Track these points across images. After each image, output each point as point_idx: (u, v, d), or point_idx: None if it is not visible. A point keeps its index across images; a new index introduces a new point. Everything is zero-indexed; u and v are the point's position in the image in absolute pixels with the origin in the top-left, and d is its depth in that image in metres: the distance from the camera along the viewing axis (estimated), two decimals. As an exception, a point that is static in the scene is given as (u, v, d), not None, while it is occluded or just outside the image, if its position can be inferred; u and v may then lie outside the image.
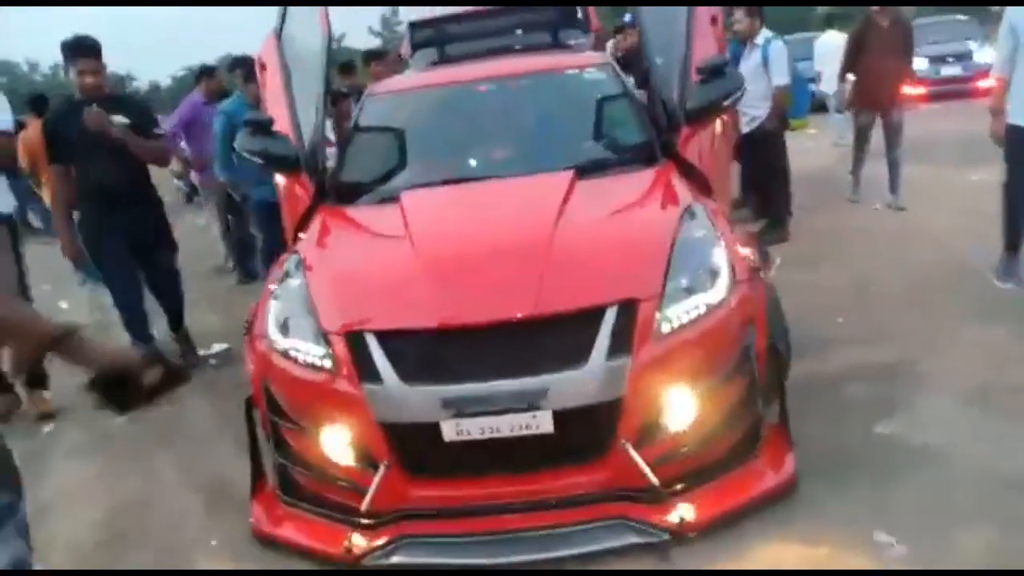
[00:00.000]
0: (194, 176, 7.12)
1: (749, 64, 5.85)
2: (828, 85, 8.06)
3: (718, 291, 2.66)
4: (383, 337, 2.54)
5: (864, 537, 2.39)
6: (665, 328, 2.53)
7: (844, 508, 2.54)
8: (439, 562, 2.44)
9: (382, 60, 6.75)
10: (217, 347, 4.88)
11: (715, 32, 4.15)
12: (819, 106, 9.00)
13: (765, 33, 5.88)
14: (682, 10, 3.65)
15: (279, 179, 3.80)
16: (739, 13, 5.90)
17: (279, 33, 3.87)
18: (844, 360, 3.67)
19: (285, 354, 2.69)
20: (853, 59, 6.49)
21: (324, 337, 2.61)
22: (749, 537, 2.44)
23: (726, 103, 3.46)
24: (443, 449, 2.48)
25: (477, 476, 2.55)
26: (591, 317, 2.49)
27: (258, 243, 5.43)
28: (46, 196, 6.71)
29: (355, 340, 2.56)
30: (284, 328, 2.74)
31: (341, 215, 3.35)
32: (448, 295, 2.57)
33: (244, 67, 5.33)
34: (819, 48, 8.56)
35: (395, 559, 2.48)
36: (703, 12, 3.93)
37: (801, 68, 8.78)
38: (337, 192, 3.55)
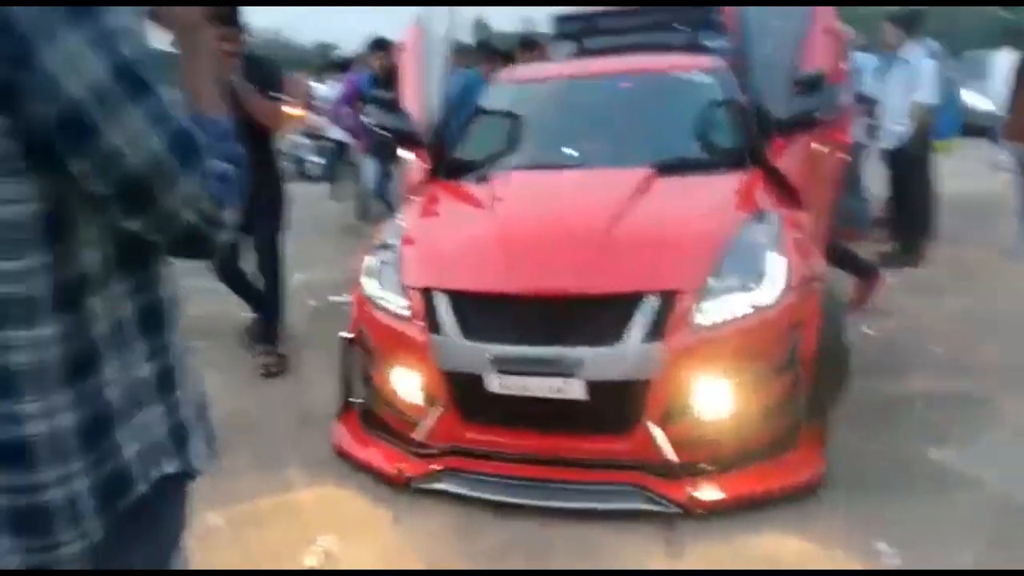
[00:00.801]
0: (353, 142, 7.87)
1: (894, 78, 5.71)
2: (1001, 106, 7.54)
3: (765, 293, 2.83)
4: (451, 296, 2.92)
5: (865, 544, 2.50)
6: (701, 320, 2.74)
7: (859, 516, 2.64)
8: (472, 494, 2.79)
9: (533, 50, 7.12)
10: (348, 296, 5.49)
11: (832, 44, 4.20)
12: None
13: (916, 47, 5.70)
14: (796, 18, 3.77)
15: (401, 152, 4.26)
16: (886, 25, 5.76)
17: (421, 19, 4.34)
18: (925, 385, 3.67)
19: (375, 302, 3.13)
20: (1017, 87, 6.04)
21: (405, 291, 3.03)
22: (755, 523, 2.61)
23: (820, 116, 3.55)
24: (490, 399, 2.83)
25: (518, 428, 2.88)
26: (632, 302, 2.75)
27: None
28: None
29: (429, 296, 2.96)
30: (378, 280, 3.19)
31: (444, 188, 3.76)
32: (508, 266, 2.92)
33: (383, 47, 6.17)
34: (995, 66, 8.04)
35: (438, 485, 2.86)
36: (819, 22, 4.00)
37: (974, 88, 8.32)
38: (449, 168, 3.95)
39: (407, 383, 3.02)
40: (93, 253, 1.04)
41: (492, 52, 7.59)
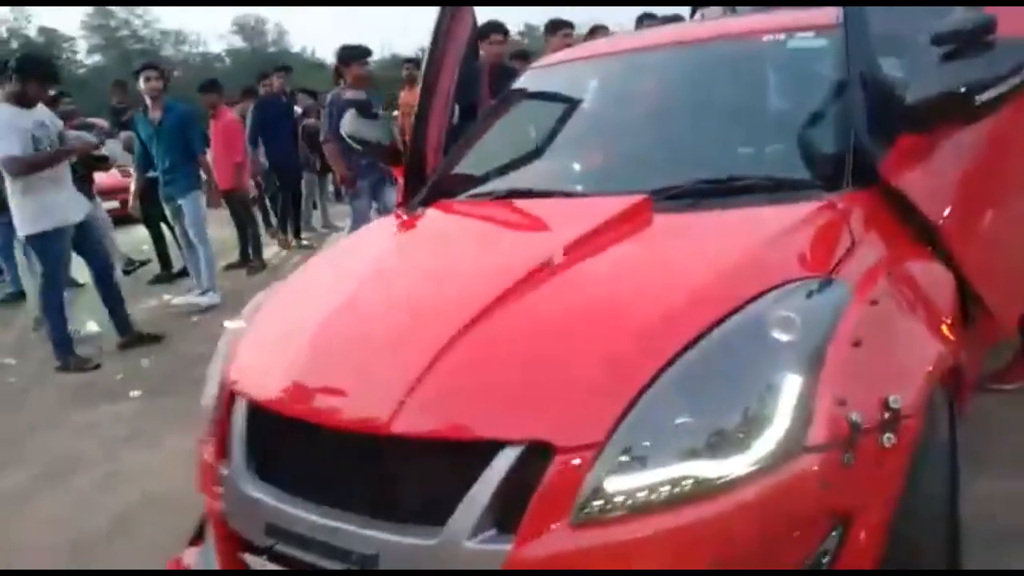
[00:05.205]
0: None
1: None
2: None
3: (751, 455, 1.42)
4: (251, 408, 1.87)
5: None
6: (597, 504, 1.42)
7: None
8: None
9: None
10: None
11: None
12: None
13: None
14: None
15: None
16: None
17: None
18: None
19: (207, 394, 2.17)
20: None
21: (220, 389, 2.03)
22: None
23: (984, 96, 1.93)
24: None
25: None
26: (475, 458, 1.49)
27: None
28: None
29: (232, 402, 1.94)
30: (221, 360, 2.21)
31: (379, 227, 2.68)
32: (311, 374, 1.79)
33: None
34: None
35: None
36: None
37: None
38: (434, 191, 2.84)
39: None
40: None
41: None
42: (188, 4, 37.66)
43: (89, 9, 42.15)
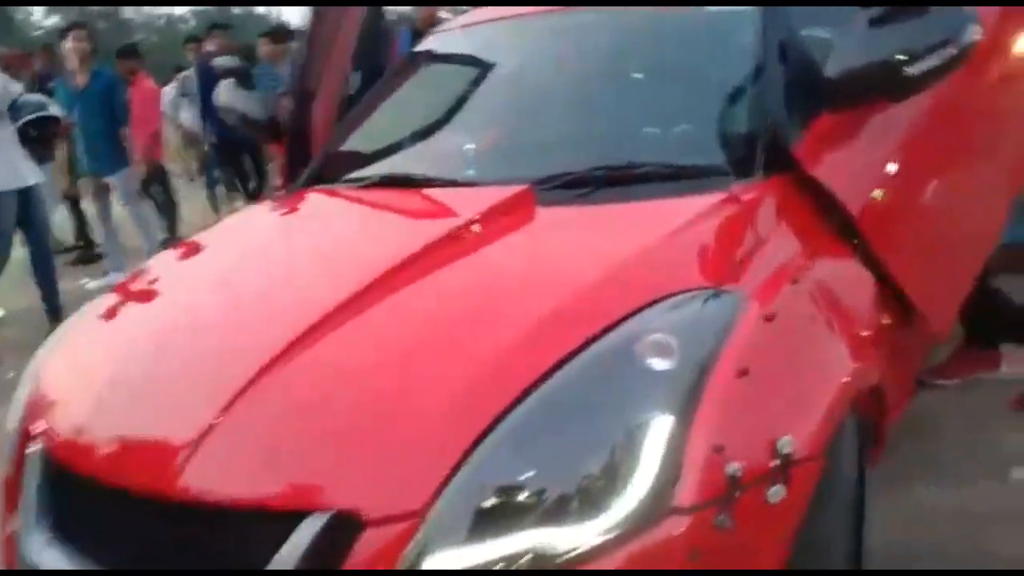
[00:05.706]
0: None
1: None
2: None
3: (607, 519, 1.16)
4: (45, 450, 1.57)
5: None
6: (417, 586, 1.15)
7: None
8: None
9: None
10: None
11: None
12: None
13: None
14: None
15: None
16: None
17: None
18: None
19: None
20: None
21: (22, 421, 1.72)
22: None
23: (912, 69, 1.66)
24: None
25: None
26: (276, 528, 1.21)
27: None
28: None
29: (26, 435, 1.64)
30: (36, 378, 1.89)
31: (238, 219, 2.37)
32: (112, 416, 1.48)
33: None
34: None
35: None
36: None
37: None
38: (323, 170, 2.50)
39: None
40: None
41: None
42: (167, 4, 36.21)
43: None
